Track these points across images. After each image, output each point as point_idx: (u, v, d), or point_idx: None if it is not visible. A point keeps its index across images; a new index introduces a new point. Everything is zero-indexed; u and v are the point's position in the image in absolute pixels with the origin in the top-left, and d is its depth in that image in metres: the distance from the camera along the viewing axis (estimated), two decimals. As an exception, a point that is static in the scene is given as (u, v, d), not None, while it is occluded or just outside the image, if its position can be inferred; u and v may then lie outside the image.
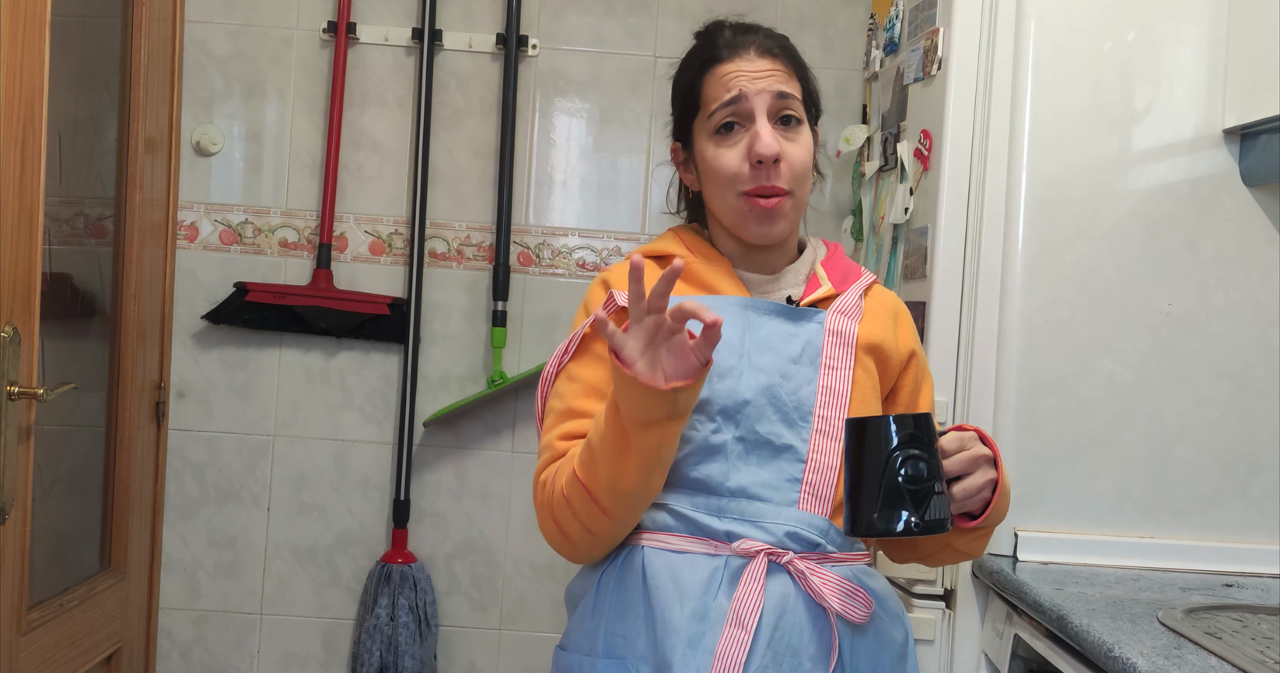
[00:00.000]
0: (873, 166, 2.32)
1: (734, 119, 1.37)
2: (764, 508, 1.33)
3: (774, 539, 1.32)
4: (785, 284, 1.43)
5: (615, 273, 1.44)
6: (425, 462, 2.73)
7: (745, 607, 1.29)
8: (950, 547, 1.40)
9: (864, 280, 1.46)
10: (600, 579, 1.39)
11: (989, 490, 1.29)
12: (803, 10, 2.74)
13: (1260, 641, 1.38)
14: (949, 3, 1.90)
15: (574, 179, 2.75)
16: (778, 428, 1.34)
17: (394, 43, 2.70)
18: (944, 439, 1.27)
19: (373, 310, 2.66)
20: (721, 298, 1.38)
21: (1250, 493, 1.85)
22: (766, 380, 1.34)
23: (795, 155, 1.37)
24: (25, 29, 1.77)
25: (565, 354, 1.39)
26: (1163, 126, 1.85)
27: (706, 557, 1.33)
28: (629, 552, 1.37)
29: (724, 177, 1.38)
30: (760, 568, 1.30)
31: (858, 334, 1.38)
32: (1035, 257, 1.85)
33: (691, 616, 1.30)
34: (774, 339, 1.36)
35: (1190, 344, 1.85)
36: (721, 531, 1.33)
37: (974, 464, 1.28)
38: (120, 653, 2.34)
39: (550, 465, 1.36)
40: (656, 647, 1.31)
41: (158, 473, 2.60)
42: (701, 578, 1.32)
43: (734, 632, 1.28)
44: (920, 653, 1.85)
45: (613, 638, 1.34)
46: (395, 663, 2.59)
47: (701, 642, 1.29)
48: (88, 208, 2.28)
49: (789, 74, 1.40)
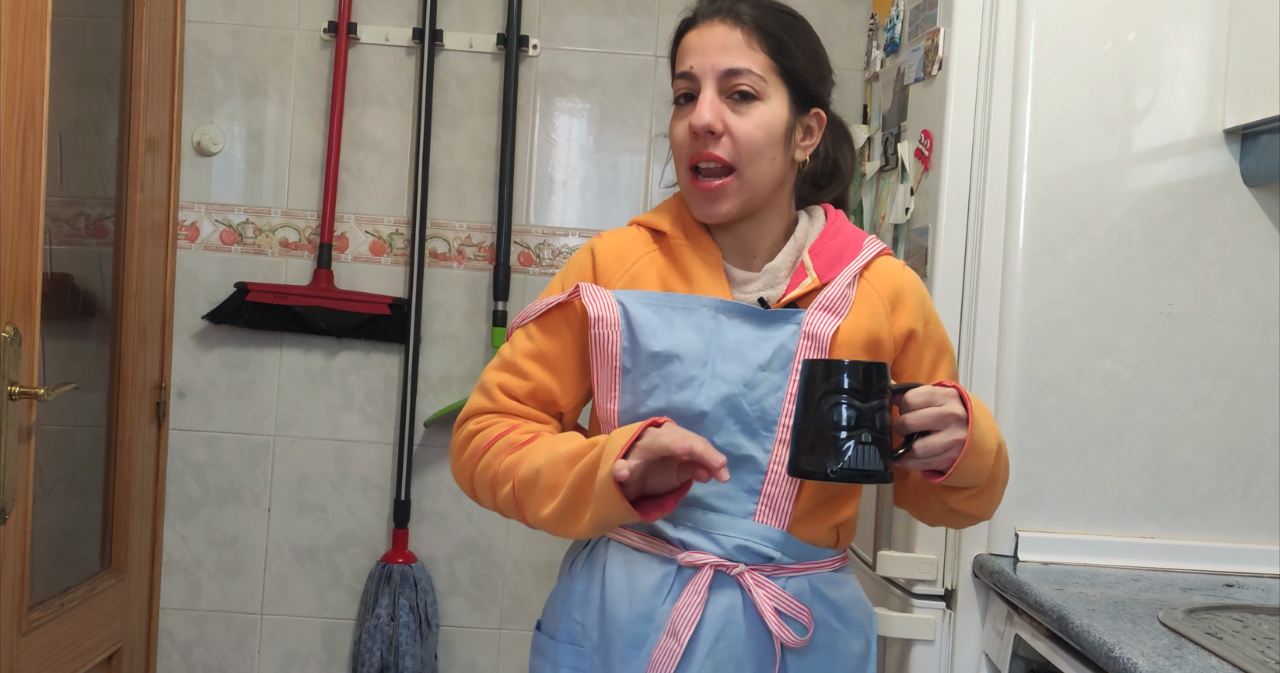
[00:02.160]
0: (873, 167, 2.32)
1: (689, 91, 1.35)
2: (718, 519, 1.31)
3: (724, 552, 1.31)
4: (764, 284, 1.38)
5: (605, 242, 1.41)
6: (426, 462, 2.73)
7: (681, 619, 1.29)
8: (954, 510, 1.37)
9: (861, 259, 1.39)
10: (570, 566, 1.41)
11: (956, 450, 1.23)
12: (803, 10, 2.70)
13: (1261, 641, 1.38)
14: (950, 3, 1.90)
15: (575, 179, 2.75)
16: (737, 439, 1.31)
17: (395, 43, 2.70)
18: (910, 392, 1.22)
19: (373, 310, 2.66)
20: (695, 298, 1.34)
21: (1251, 493, 1.85)
22: (727, 391, 1.31)
23: (741, 129, 1.31)
24: (26, 29, 1.77)
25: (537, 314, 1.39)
26: (1163, 126, 1.85)
27: (661, 560, 1.33)
28: (595, 542, 1.39)
29: (675, 148, 1.36)
30: (704, 580, 1.30)
31: (839, 333, 1.33)
32: (1036, 257, 1.85)
33: (638, 617, 1.31)
34: (742, 345, 1.32)
35: (1191, 344, 1.85)
36: (675, 538, 1.32)
37: (940, 421, 1.22)
38: (121, 653, 2.34)
39: (480, 417, 1.38)
40: (605, 642, 1.33)
41: (158, 473, 2.60)
42: (653, 582, 1.32)
43: (667, 642, 1.29)
44: (920, 653, 1.85)
45: (573, 625, 1.37)
46: (396, 663, 2.59)
47: (644, 644, 1.31)
48: (88, 208, 2.28)
49: (754, 47, 1.33)
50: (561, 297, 1.37)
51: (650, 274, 1.37)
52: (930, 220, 1.91)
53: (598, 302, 1.33)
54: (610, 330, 1.32)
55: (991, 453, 1.29)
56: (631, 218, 1.45)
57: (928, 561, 1.84)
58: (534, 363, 1.38)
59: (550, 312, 1.38)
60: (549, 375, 1.38)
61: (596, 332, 1.32)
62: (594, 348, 1.33)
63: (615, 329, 1.32)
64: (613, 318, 1.33)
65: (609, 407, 1.34)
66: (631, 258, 1.38)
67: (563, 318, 1.38)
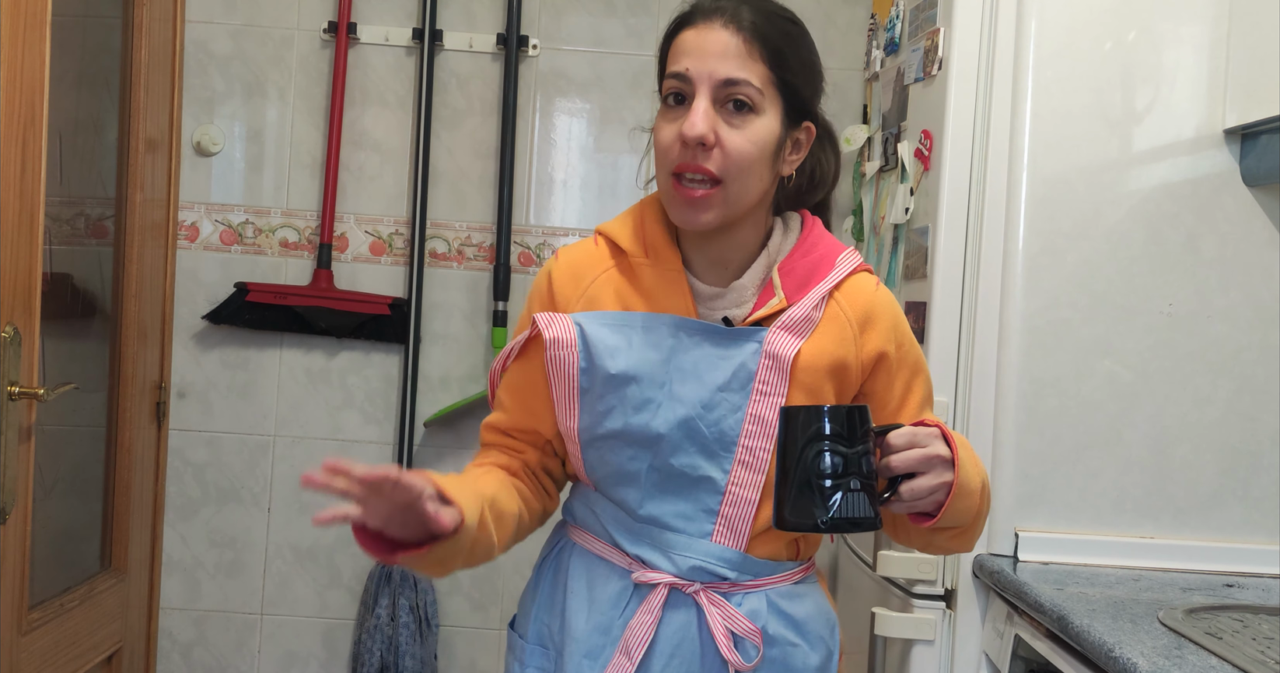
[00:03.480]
0: (873, 167, 2.32)
1: (680, 91, 1.27)
2: (675, 538, 1.30)
3: (679, 571, 1.30)
4: (730, 302, 1.32)
5: (560, 264, 1.37)
6: (426, 462, 2.73)
7: (634, 637, 1.29)
8: (933, 543, 1.33)
9: (832, 278, 1.32)
10: (539, 566, 1.42)
11: (943, 493, 1.18)
12: (803, 10, 2.70)
13: (1261, 641, 1.38)
14: (950, 3, 1.90)
15: (574, 179, 2.75)
16: (695, 460, 1.29)
17: (394, 43, 2.70)
18: (893, 434, 1.17)
19: (373, 310, 2.66)
20: (654, 316, 1.30)
21: (1251, 493, 1.85)
22: (685, 413, 1.28)
23: (733, 143, 1.24)
24: (26, 29, 1.77)
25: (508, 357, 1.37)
26: (1163, 126, 1.85)
27: (621, 572, 1.33)
28: (562, 546, 1.40)
29: (659, 150, 1.29)
30: (658, 599, 1.30)
31: (800, 355, 1.28)
32: (1036, 257, 1.85)
33: (595, 628, 1.31)
34: (700, 365, 1.29)
35: (1191, 344, 1.85)
36: (633, 553, 1.32)
37: (926, 464, 1.17)
38: (121, 653, 2.34)
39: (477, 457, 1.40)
40: (561, 650, 1.33)
41: (158, 473, 2.60)
42: (612, 593, 1.32)
43: (620, 660, 1.29)
44: (920, 653, 1.85)
45: (540, 626, 1.37)
46: (396, 663, 2.59)
47: (600, 655, 1.31)
48: (88, 208, 2.28)
49: (754, 57, 1.26)
50: (523, 336, 1.35)
51: (607, 294, 1.33)
52: (930, 220, 1.91)
53: (554, 326, 1.31)
54: (567, 351, 1.30)
55: (977, 493, 1.24)
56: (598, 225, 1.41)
57: (928, 561, 1.84)
58: (512, 395, 1.38)
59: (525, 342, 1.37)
60: (525, 406, 1.36)
61: (552, 353, 1.30)
62: (550, 368, 1.31)
63: (572, 350, 1.29)
64: (570, 339, 1.30)
65: (569, 425, 1.33)
66: (588, 279, 1.34)
67: (534, 347, 1.35)
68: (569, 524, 1.41)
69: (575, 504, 1.39)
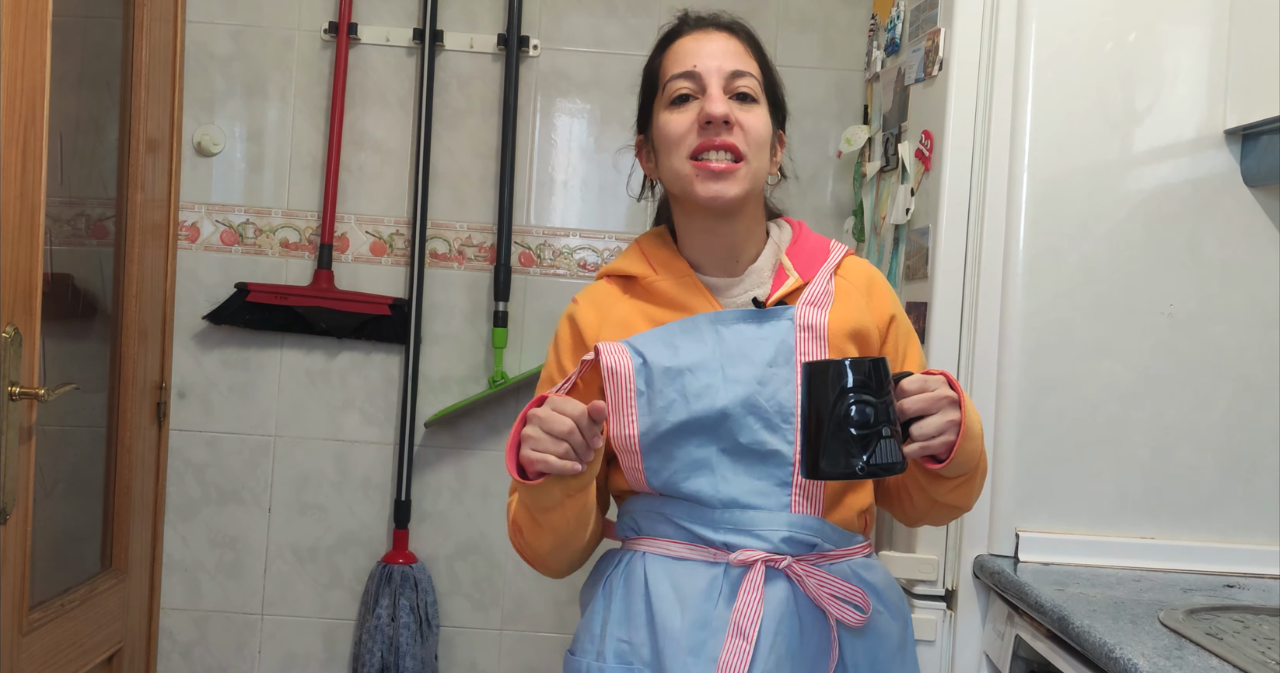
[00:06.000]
0: (874, 167, 2.32)
1: (688, 90, 1.37)
2: (758, 516, 1.33)
3: (770, 546, 1.33)
4: (750, 285, 1.42)
5: (583, 308, 1.43)
6: (426, 462, 2.73)
7: (745, 617, 1.31)
8: (937, 502, 1.38)
9: (833, 259, 1.44)
10: (604, 585, 1.41)
11: (952, 433, 1.24)
12: (803, 10, 2.74)
13: (1261, 642, 1.38)
14: (950, 3, 1.90)
15: (575, 179, 2.75)
16: (761, 435, 1.33)
17: (395, 43, 2.70)
18: (905, 381, 1.25)
19: (374, 311, 2.66)
20: (689, 319, 1.38)
21: (1251, 494, 1.85)
22: (744, 391, 1.33)
23: (749, 121, 1.36)
24: (26, 29, 1.77)
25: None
26: (1164, 127, 1.85)
27: (705, 565, 1.35)
28: (630, 558, 1.40)
29: (672, 140, 1.37)
30: (758, 577, 1.31)
31: (830, 323, 1.37)
32: (1036, 257, 1.85)
33: (692, 624, 1.32)
34: (746, 347, 1.35)
35: (1191, 345, 1.85)
36: (719, 541, 1.34)
37: (935, 404, 1.24)
38: (121, 654, 2.34)
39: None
40: (659, 655, 1.32)
41: (159, 473, 2.60)
42: (701, 586, 1.33)
43: (735, 643, 1.30)
44: (921, 653, 1.85)
45: (620, 644, 1.36)
46: (396, 664, 2.59)
47: (704, 650, 1.31)
48: (89, 208, 2.28)
49: (748, 55, 1.40)
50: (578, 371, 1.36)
51: (635, 318, 1.41)
52: (931, 221, 1.91)
53: (610, 347, 1.36)
54: (621, 357, 1.35)
55: (980, 437, 1.33)
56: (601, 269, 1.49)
57: (928, 561, 1.84)
58: None
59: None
60: None
61: (607, 360, 1.35)
62: (606, 376, 1.34)
63: (626, 356, 1.35)
64: (621, 347, 1.36)
65: (628, 432, 1.35)
66: (612, 309, 1.42)
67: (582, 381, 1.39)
68: (631, 539, 1.42)
69: (636, 518, 1.41)
